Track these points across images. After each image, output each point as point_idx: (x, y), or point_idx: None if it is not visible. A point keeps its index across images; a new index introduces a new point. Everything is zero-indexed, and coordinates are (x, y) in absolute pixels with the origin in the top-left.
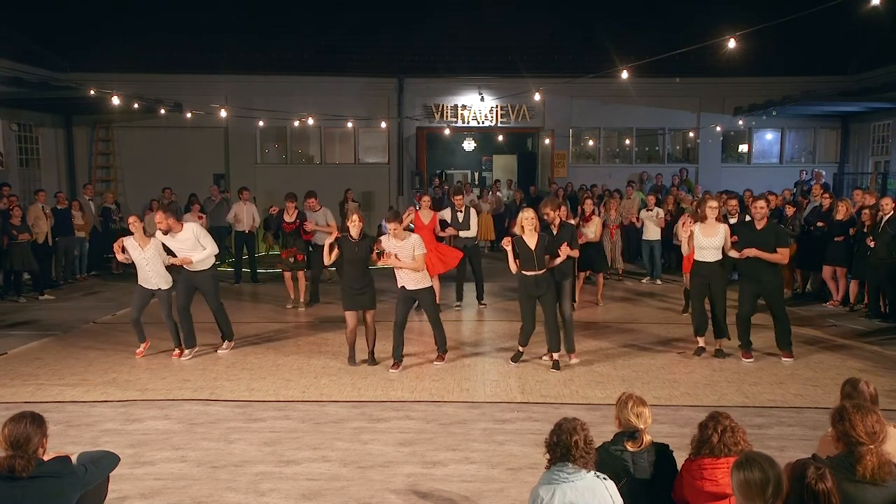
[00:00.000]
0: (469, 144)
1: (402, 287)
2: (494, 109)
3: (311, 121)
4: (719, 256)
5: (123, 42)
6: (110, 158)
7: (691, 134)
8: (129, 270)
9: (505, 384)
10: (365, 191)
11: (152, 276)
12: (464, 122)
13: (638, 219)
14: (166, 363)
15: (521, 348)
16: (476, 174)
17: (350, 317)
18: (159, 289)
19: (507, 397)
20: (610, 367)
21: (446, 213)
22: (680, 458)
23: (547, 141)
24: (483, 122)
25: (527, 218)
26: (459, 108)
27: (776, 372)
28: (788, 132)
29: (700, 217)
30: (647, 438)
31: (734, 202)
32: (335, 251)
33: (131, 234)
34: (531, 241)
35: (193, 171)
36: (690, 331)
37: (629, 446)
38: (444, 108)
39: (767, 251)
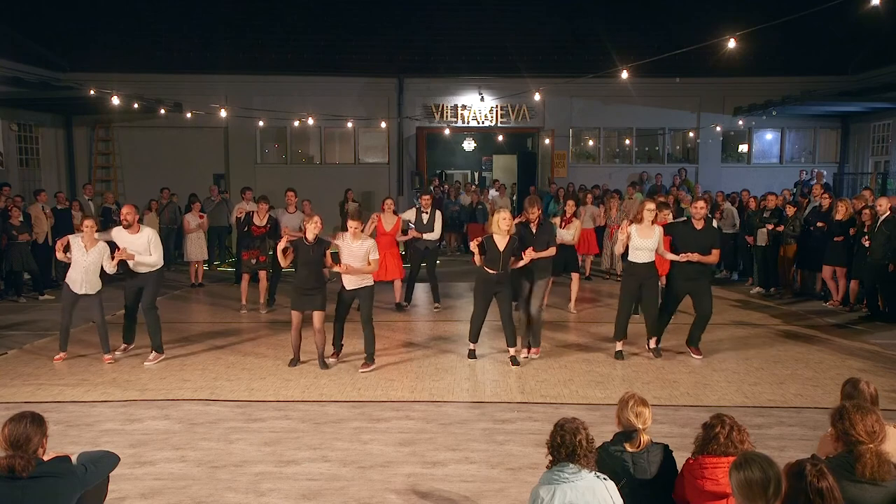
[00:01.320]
0: (469, 144)
1: (343, 288)
2: (494, 109)
3: (311, 121)
4: (653, 258)
5: (123, 42)
6: (110, 158)
7: (691, 134)
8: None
9: (505, 384)
10: (365, 191)
11: (82, 280)
12: (464, 122)
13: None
14: (166, 363)
15: (472, 346)
16: (476, 174)
17: (295, 316)
18: (86, 294)
19: (507, 397)
20: (610, 367)
21: (410, 214)
22: (680, 458)
23: (547, 141)
24: (483, 122)
25: (503, 219)
26: (459, 108)
27: (776, 372)
28: (788, 132)
29: (636, 219)
30: (645, 438)
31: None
32: (290, 253)
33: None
34: (501, 242)
35: (193, 171)
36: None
37: (629, 446)
38: (444, 108)
39: (704, 252)
